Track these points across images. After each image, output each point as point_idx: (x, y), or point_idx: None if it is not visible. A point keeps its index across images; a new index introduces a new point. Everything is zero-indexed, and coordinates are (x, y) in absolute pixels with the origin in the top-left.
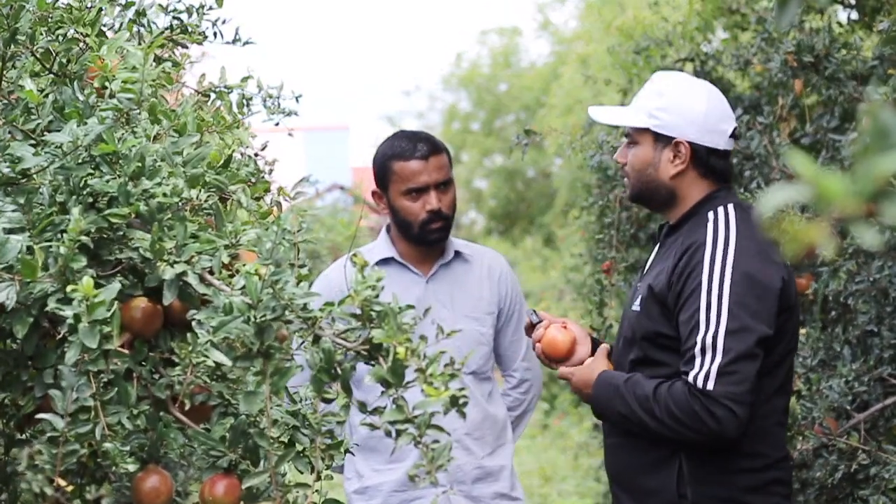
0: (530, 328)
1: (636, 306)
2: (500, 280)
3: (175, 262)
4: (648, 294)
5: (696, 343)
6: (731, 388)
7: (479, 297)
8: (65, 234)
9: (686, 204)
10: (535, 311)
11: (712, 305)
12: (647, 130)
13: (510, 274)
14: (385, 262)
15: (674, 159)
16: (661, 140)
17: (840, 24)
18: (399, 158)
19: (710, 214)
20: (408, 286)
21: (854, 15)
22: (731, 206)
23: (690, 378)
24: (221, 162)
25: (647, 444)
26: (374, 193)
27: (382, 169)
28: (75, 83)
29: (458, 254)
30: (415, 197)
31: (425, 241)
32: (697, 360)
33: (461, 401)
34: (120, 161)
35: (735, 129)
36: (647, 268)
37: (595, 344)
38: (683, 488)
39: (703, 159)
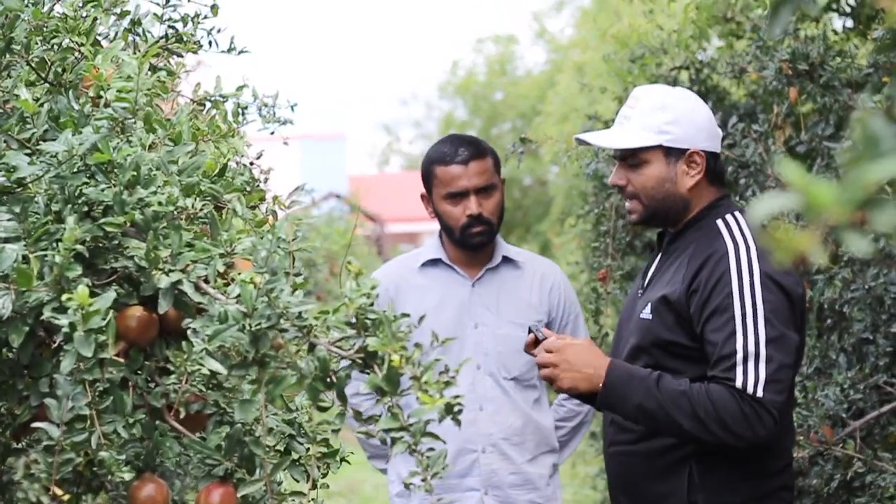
0: (533, 344)
1: (646, 314)
2: (553, 289)
3: (170, 271)
4: (661, 303)
5: (736, 350)
6: (776, 396)
7: (528, 305)
8: (60, 243)
9: (691, 212)
10: (538, 328)
11: (747, 314)
12: (657, 148)
13: (565, 284)
14: (433, 263)
15: (689, 170)
16: (673, 154)
17: (835, 32)
18: (440, 163)
19: (720, 223)
20: (454, 288)
21: (849, 23)
22: (738, 214)
23: (739, 384)
24: (217, 171)
25: (656, 452)
26: (422, 196)
27: (426, 173)
28: (70, 92)
29: (508, 259)
30: (455, 201)
31: (467, 245)
32: (741, 367)
33: (456, 408)
34: (115, 170)
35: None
36: (649, 276)
37: None
38: (695, 495)
39: (712, 165)
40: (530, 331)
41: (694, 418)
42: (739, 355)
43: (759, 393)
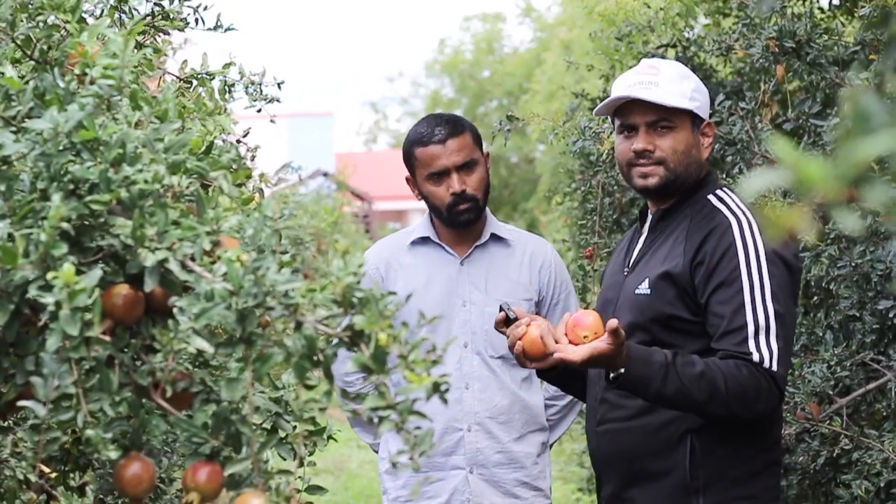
0: (503, 322)
1: (642, 290)
2: (543, 268)
3: (156, 249)
4: (661, 278)
5: (746, 323)
6: (784, 371)
7: (517, 283)
8: (45, 221)
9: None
10: (510, 306)
11: (755, 287)
12: (686, 113)
13: (556, 262)
14: (423, 241)
15: (703, 140)
16: (697, 122)
17: (821, 10)
18: (419, 144)
19: (713, 198)
20: (442, 266)
21: (835, 0)
22: (728, 190)
23: (755, 358)
24: (203, 148)
25: (654, 428)
26: (407, 180)
27: (407, 156)
28: (56, 70)
29: (498, 238)
30: (438, 181)
31: (455, 224)
32: (753, 342)
33: (443, 387)
34: (101, 148)
35: None
36: (636, 253)
37: None
38: (696, 469)
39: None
40: (501, 309)
41: (713, 395)
42: (750, 329)
43: (774, 367)
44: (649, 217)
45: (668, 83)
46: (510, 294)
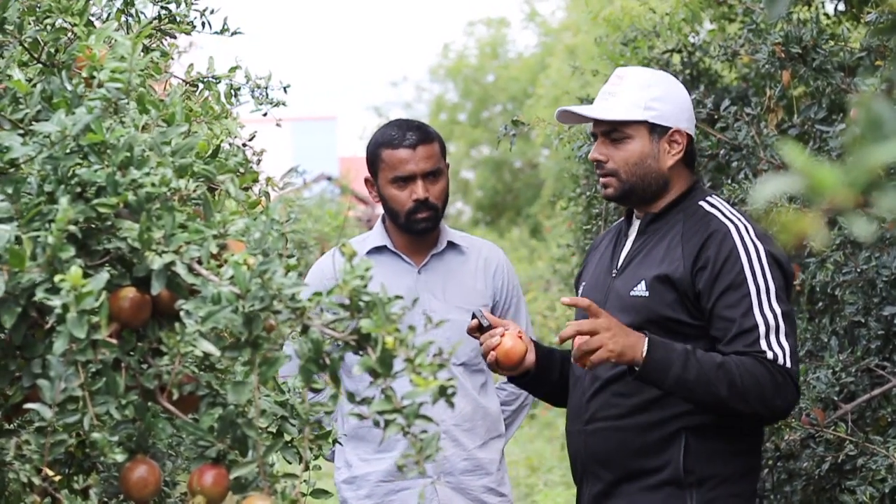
0: (476, 329)
1: (638, 291)
2: (497, 273)
3: (163, 252)
4: (659, 281)
5: (757, 324)
6: (797, 368)
7: (473, 289)
8: (53, 224)
9: (669, 194)
10: (483, 313)
11: (761, 289)
12: (642, 123)
13: (507, 267)
14: (378, 250)
15: (670, 149)
16: (657, 131)
17: (827, 16)
18: (388, 146)
19: (704, 205)
20: (399, 275)
21: (841, 6)
22: (717, 198)
23: (770, 356)
24: (210, 152)
25: (649, 425)
26: (366, 181)
27: (372, 156)
28: (63, 73)
29: (453, 245)
30: (402, 185)
31: (412, 230)
32: (765, 341)
33: (449, 391)
34: (108, 151)
35: None
36: (624, 255)
37: (539, 350)
38: (690, 465)
39: (690, 147)
40: (474, 316)
41: (732, 389)
42: (762, 329)
43: (788, 364)
44: (634, 221)
45: (627, 93)
46: (468, 301)
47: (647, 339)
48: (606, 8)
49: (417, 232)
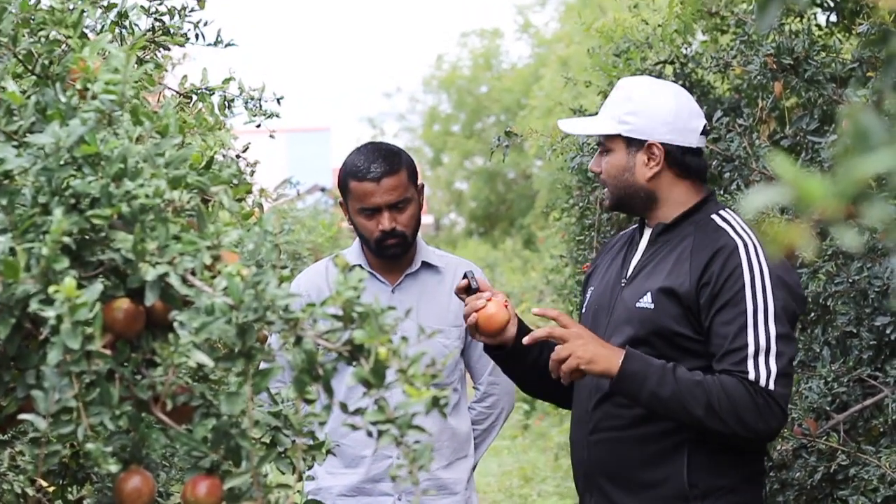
0: (465, 290)
1: (644, 303)
2: None
3: (157, 263)
4: (665, 294)
5: (747, 344)
6: (785, 390)
7: (447, 309)
8: (47, 236)
9: (673, 204)
10: (473, 275)
11: (759, 309)
12: (618, 136)
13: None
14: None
15: (648, 162)
16: (634, 144)
17: (819, 27)
18: (354, 178)
19: (717, 218)
20: (374, 294)
21: (833, 17)
22: (730, 211)
23: (752, 377)
24: (203, 163)
25: (651, 437)
26: (339, 203)
27: (342, 184)
28: (57, 85)
29: (428, 264)
30: (368, 216)
31: (383, 256)
32: (752, 361)
33: (442, 402)
34: (102, 162)
35: (705, 125)
36: (633, 265)
37: (521, 327)
38: (694, 477)
39: (678, 158)
40: (465, 276)
41: (708, 408)
42: (751, 349)
43: (771, 386)
44: (646, 230)
45: (610, 105)
46: (441, 321)
47: (624, 351)
48: (599, 19)
49: (388, 257)
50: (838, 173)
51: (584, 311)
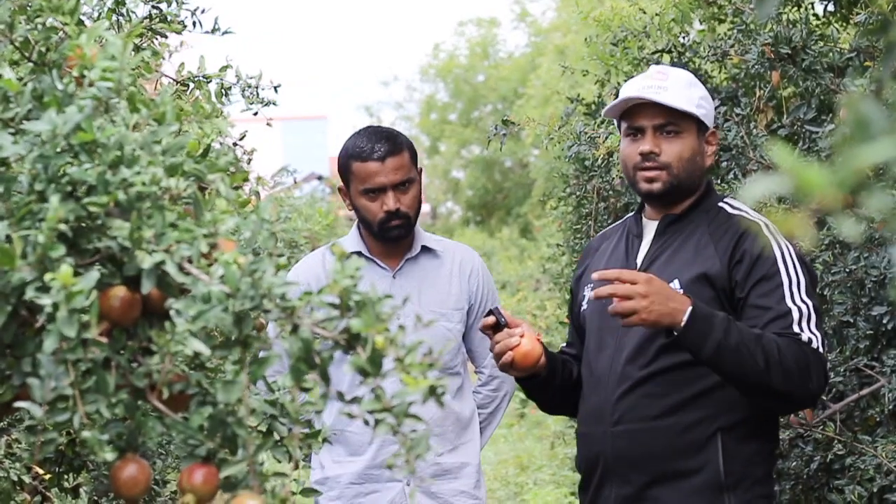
0: (493, 327)
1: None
2: (472, 276)
3: (153, 251)
4: (697, 279)
5: (791, 310)
6: (827, 358)
7: (448, 293)
8: (43, 223)
9: (694, 194)
10: (500, 311)
11: (793, 283)
12: (693, 120)
13: (482, 270)
14: (353, 255)
15: (708, 148)
16: (702, 130)
17: (817, 17)
18: (357, 159)
19: (726, 206)
20: (375, 280)
21: (831, 7)
22: (734, 200)
23: (805, 338)
24: (200, 151)
25: (683, 427)
26: (339, 189)
27: (343, 167)
28: (54, 72)
29: (427, 249)
30: (373, 197)
31: (386, 239)
32: (799, 326)
33: (439, 391)
34: (99, 150)
35: None
36: (642, 257)
37: (547, 354)
38: (730, 465)
39: None
40: (490, 313)
41: (770, 361)
42: (795, 315)
43: (821, 349)
44: (647, 222)
45: (677, 88)
46: (443, 305)
47: (691, 305)
48: (597, 8)
49: (390, 240)
50: (837, 163)
51: (584, 311)
